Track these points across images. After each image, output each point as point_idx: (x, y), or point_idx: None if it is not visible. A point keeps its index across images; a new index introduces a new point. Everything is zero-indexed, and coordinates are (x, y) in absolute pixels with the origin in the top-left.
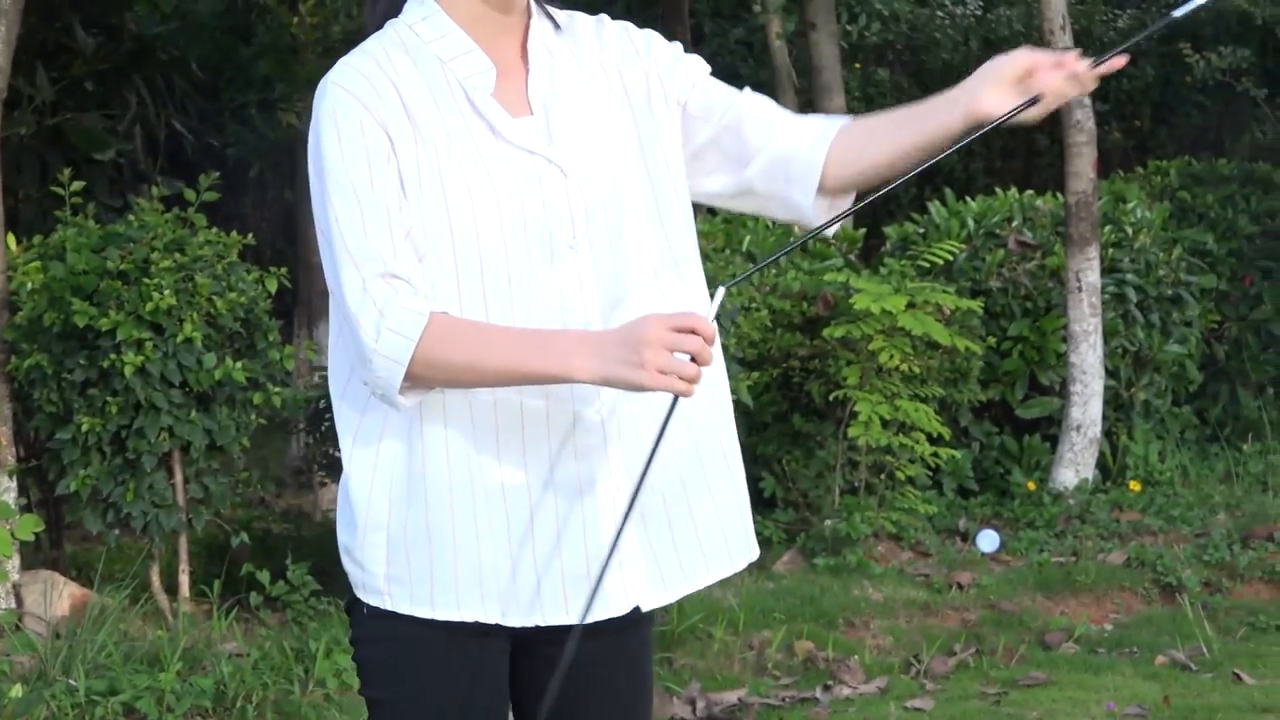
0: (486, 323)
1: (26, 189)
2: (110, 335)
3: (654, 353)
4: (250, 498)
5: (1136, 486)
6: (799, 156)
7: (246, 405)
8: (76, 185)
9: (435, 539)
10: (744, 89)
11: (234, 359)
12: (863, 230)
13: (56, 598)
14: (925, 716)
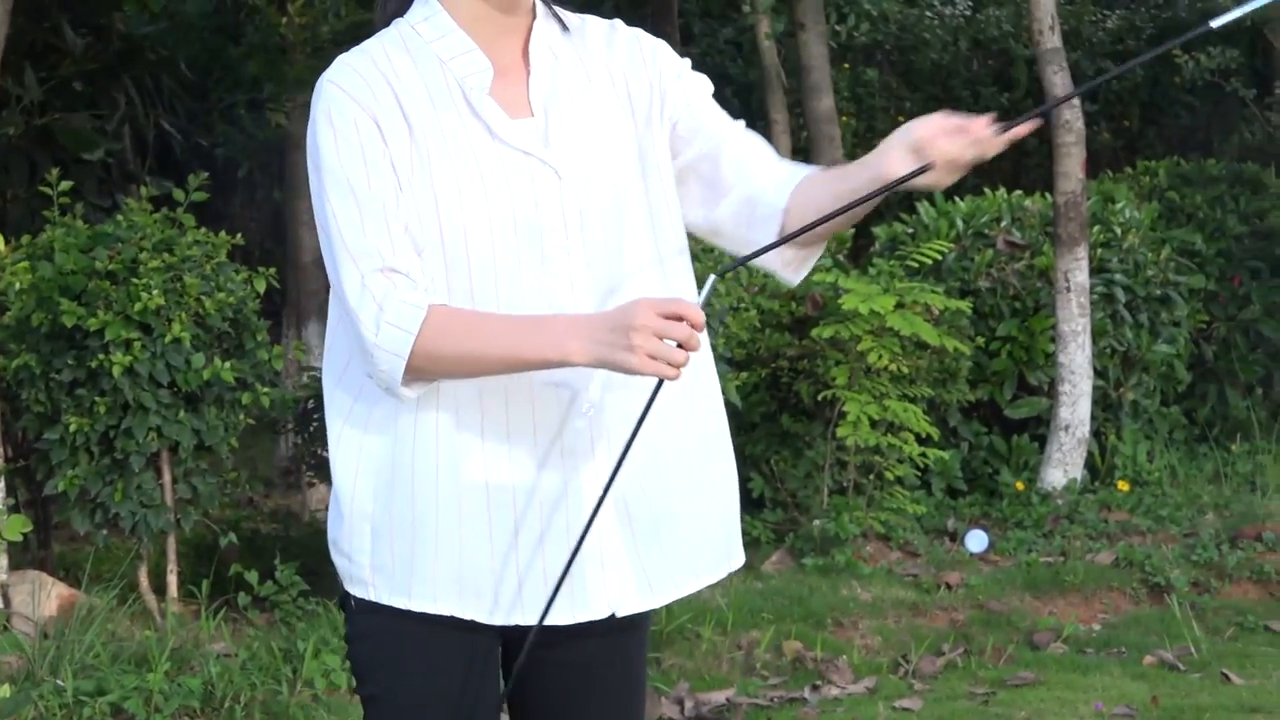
0: (484, 312)
1: (15, 189)
2: (98, 335)
3: (643, 338)
4: (238, 498)
5: (1125, 486)
6: (764, 200)
7: (235, 405)
8: (65, 185)
9: (420, 531)
10: (739, 120)
11: (222, 359)
12: (851, 230)
13: (44, 598)
14: (914, 716)
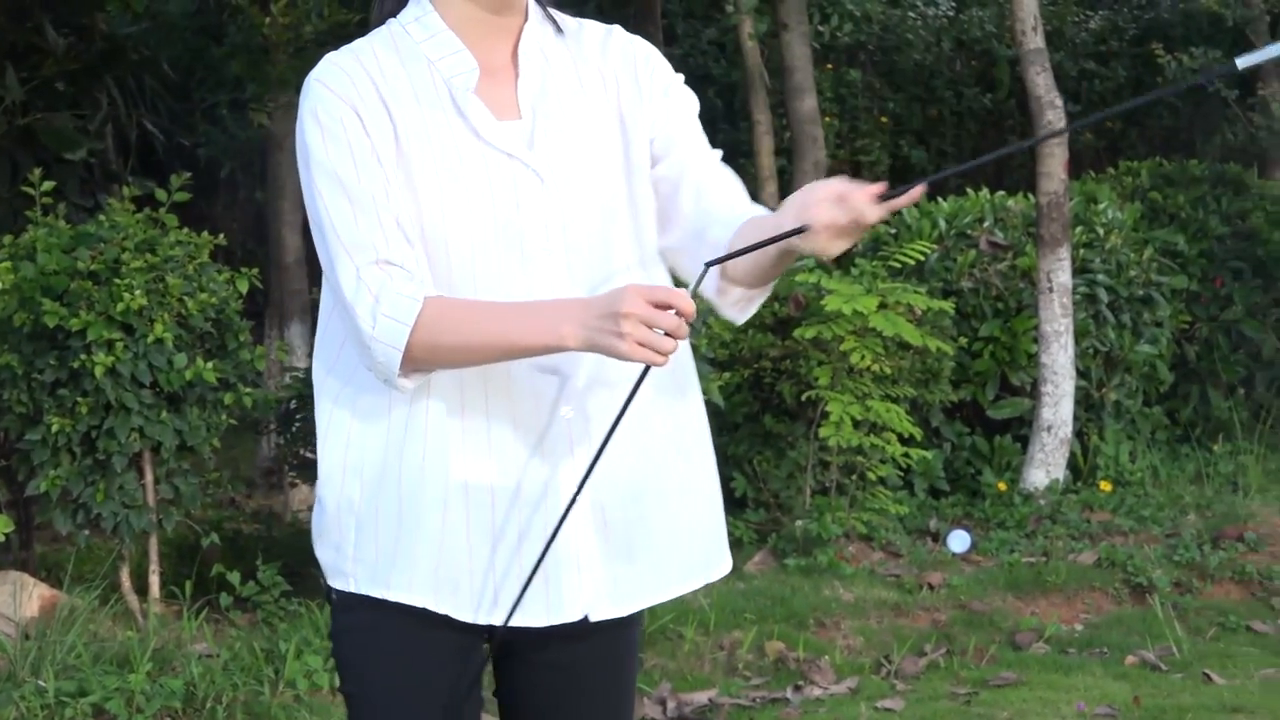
0: (479, 301)
1: None
2: (81, 335)
3: (631, 325)
4: (221, 498)
5: (1107, 487)
6: (708, 238)
7: (217, 406)
8: (47, 185)
9: (403, 524)
10: (718, 152)
11: (205, 359)
12: None
13: (26, 598)
14: (896, 717)
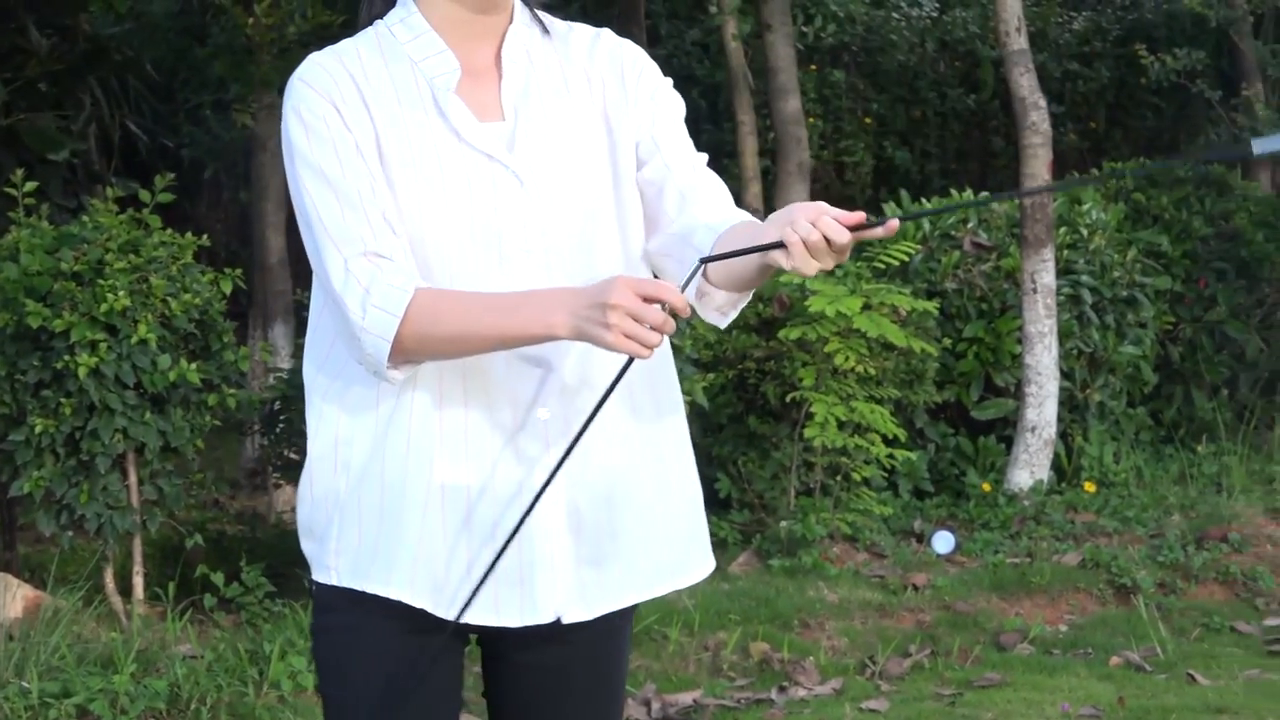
0: (469, 292)
1: None
2: (64, 336)
3: (618, 316)
4: (204, 499)
5: (1091, 488)
6: (692, 243)
7: (201, 407)
8: (30, 186)
9: (385, 518)
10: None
11: (188, 360)
12: None
13: (9, 600)
14: (880, 717)
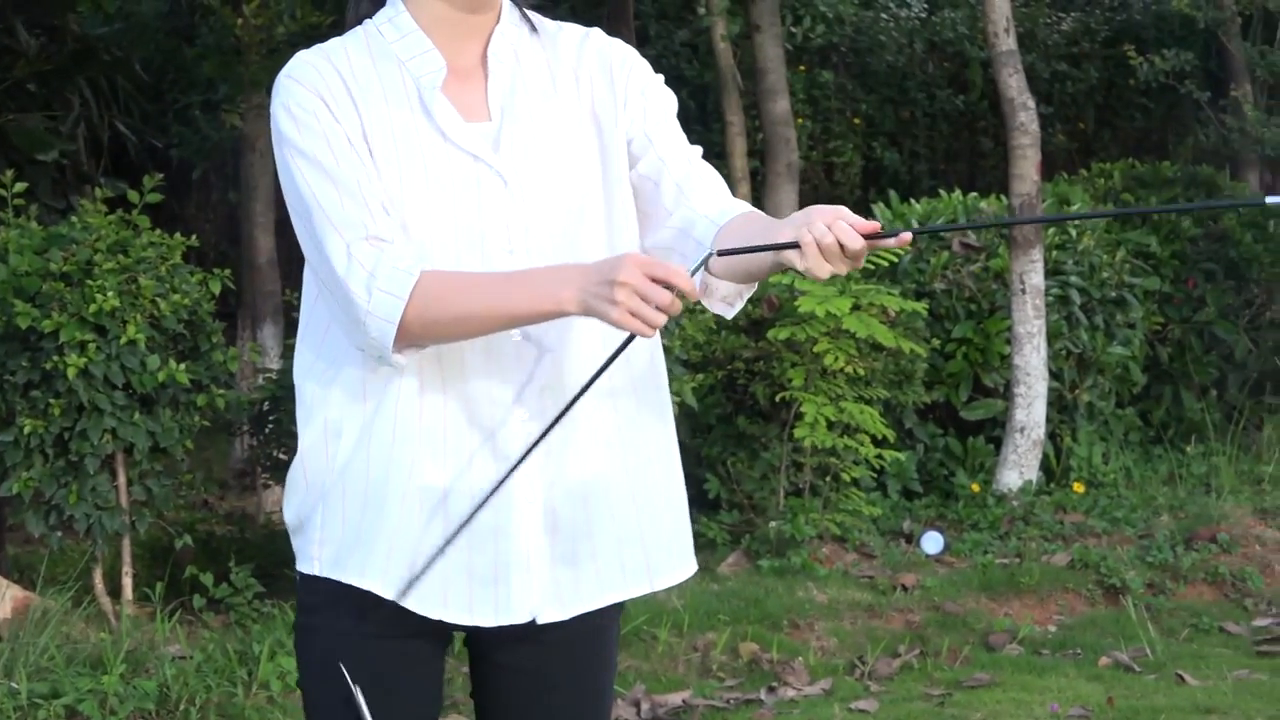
0: (473, 272)
1: None
2: (53, 337)
3: (625, 294)
4: (193, 500)
5: (1080, 488)
6: (694, 235)
7: (190, 407)
8: (19, 186)
9: (368, 511)
10: (697, 147)
11: (177, 361)
12: None
13: None
14: (869, 718)
